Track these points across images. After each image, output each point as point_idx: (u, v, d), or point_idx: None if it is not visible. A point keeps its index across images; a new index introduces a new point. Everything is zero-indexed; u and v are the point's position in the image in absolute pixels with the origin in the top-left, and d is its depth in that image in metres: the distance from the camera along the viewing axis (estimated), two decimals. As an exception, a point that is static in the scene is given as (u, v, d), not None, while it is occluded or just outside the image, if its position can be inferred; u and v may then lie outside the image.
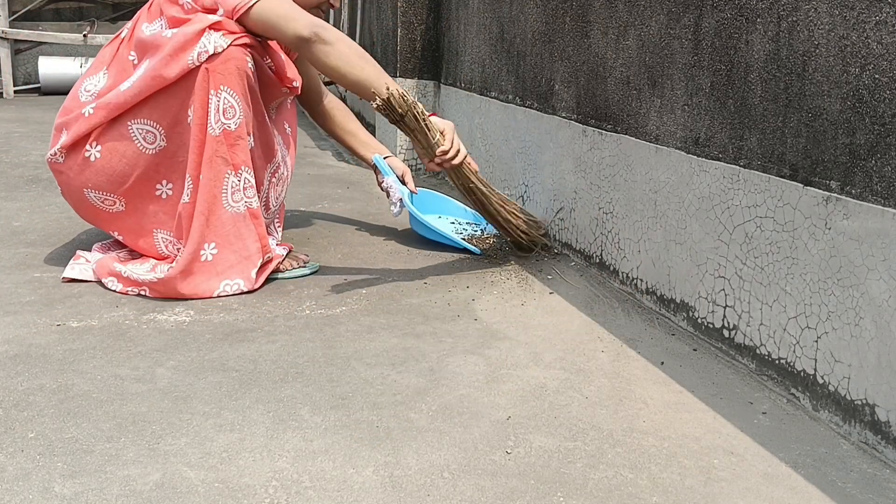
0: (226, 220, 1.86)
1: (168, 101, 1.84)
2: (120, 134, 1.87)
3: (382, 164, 2.29)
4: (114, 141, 1.87)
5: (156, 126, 1.86)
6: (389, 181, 2.25)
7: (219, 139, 1.83)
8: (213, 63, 1.80)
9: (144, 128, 1.86)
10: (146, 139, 1.86)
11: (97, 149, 1.88)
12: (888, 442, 1.22)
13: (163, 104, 1.84)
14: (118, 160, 1.88)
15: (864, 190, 1.25)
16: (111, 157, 1.88)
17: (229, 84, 1.82)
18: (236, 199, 1.87)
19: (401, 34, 3.21)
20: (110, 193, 1.92)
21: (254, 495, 1.11)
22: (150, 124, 1.86)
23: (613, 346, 1.64)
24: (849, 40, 1.27)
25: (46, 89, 5.73)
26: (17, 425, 1.27)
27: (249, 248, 1.89)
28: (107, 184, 1.90)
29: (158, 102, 1.84)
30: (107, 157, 1.88)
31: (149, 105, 1.84)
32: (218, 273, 1.86)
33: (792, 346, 1.41)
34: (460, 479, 1.16)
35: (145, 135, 1.86)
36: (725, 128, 1.56)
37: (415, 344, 1.62)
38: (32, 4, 5.98)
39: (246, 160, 1.87)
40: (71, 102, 1.95)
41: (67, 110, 1.94)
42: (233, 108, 1.83)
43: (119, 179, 1.90)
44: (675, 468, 1.20)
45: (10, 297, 1.82)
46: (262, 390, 1.41)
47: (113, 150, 1.87)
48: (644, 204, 1.83)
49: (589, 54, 2.05)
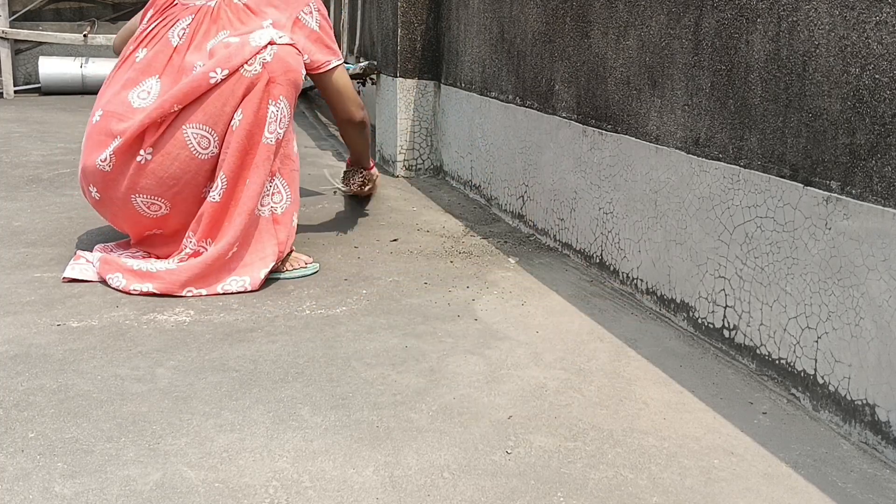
0: (255, 222, 1.92)
1: (224, 109, 1.88)
2: (174, 138, 1.89)
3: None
4: (168, 145, 1.89)
5: (210, 132, 1.89)
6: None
7: (271, 147, 1.89)
8: (275, 73, 1.89)
9: (199, 132, 1.88)
10: (200, 144, 1.89)
11: (149, 152, 1.89)
12: (888, 442, 1.22)
13: (219, 110, 1.88)
14: (170, 163, 1.89)
15: (865, 190, 1.25)
16: (164, 160, 1.89)
17: (286, 95, 1.91)
18: (264, 203, 1.92)
19: (401, 34, 3.21)
20: (158, 197, 1.93)
21: (254, 495, 1.11)
22: (205, 129, 1.88)
23: (613, 346, 1.64)
24: (849, 40, 1.27)
25: (47, 89, 5.73)
26: (17, 425, 1.27)
27: (266, 250, 1.92)
28: (156, 187, 1.91)
29: (214, 108, 1.87)
30: (159, 160, 1.89)
31: (202, 110, 1.87)
32: (230, 270, 1.90)
33: (792, 346, 1.41)
34: (460, 479, 1.16)
35: (200, 140, 1.89)
36: (725, 128, 1.56)
37: (415, 344, 1.62)
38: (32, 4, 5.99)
39: (282, 167, 1.94)
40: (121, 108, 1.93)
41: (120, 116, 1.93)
42: (285, 118, 1.92)
43: (170, 182, 1.91)
44: (675, 468, 1.20)
45: (10, 297, 1.82)
46: (262, 390, 1.41)
47: (167, 153, 1.89)
48: (644, 204, 1.83)
49: (589, 54, 2.05)
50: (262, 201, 1.91)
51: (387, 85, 3.39)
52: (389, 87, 3.34)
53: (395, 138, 3.25)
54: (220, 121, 1.88)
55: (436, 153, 3.27)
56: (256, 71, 1.87)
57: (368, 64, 3.63)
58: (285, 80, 1.90)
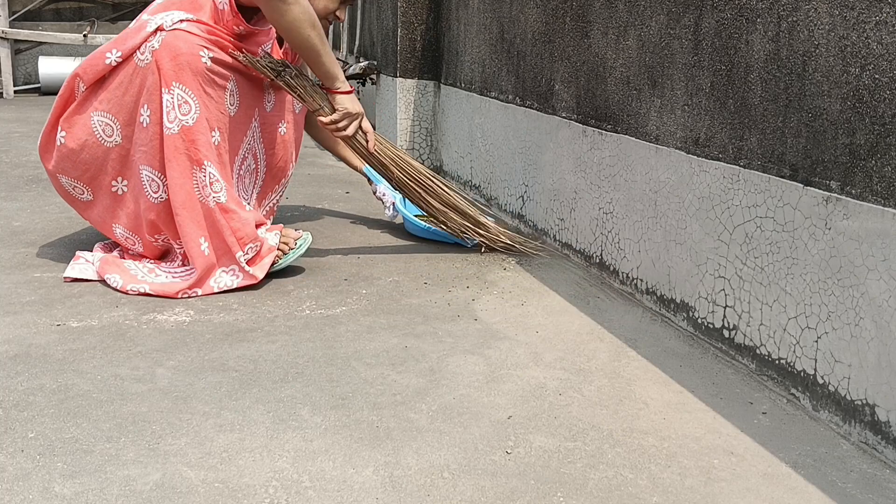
0: (200, 212, 1.87)
1: (124, 98, 1.87)
2: (84, 125, 1.91)
3: (373, 172, 2.38)
4: (77, 128, 1.91)
5: (113, 120, 1.89)
6: (381, 188, 2.43)
7: (176, 136, 1.83)
8: (163, 60, 1.82)
9: (104, 120, 1.89)
10: (105, 132, 1.90)
11: (62, 134, 1.92)
12: (888, 442, 1.22)
13: (119, 99, 1.87)
14: (80, 148, 1.92)
15: (864, 190, 1.25)
16: (74, 145, 1.92)
17: (181, 80, 1.83)
18: (206, 194, 1.87)
19: (401, 34, 3.21)
20: (77, 181, 1.97)
21: (254, 495, 1.11)
22: (108, 117, 1.89)
23: (613, 346, 1.64)
24: (849, 40, 1.27)
25: (46, 89, 5.73)
26: (17, 425, 1.27)
27: (227, 241, 1.89)
28: (73, 170, 1.95)
29: (116, 96, 1.87)
30: (70, 144, 1.92)
31: (108, 98, 1.88)
32: (214, 265, 1.89)
33: (792, 346, 1.41)
34: (460, 479, 1.16)
35: (104, 127, 1.90)
36: (725, 128, 1.56)
37: (415, 344, 1.62)
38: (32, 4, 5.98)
39: (208, 155, 1.87)
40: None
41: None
42: (188, 104, 1.83)
43: (82, 167, 1.94)
44: (675, 468, 1.20)
45: (10, 297, 1.82)
46: (262, 390, 1.41)
47: (76, 137, 1.91)
48: (644, 204, 1.83)
49: (589, 54, 2.05)
50: (202, 192, 1.87)
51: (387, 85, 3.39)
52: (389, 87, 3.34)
53: (395, 138, 3.25)
54: (122, 110, 1.88)
55: (436, 153, 3.27)
56: (148, 60, 1.83)
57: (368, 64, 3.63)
58: (174, 65, 1.82)
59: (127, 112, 1.88)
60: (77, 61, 5.68)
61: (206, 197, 1.87)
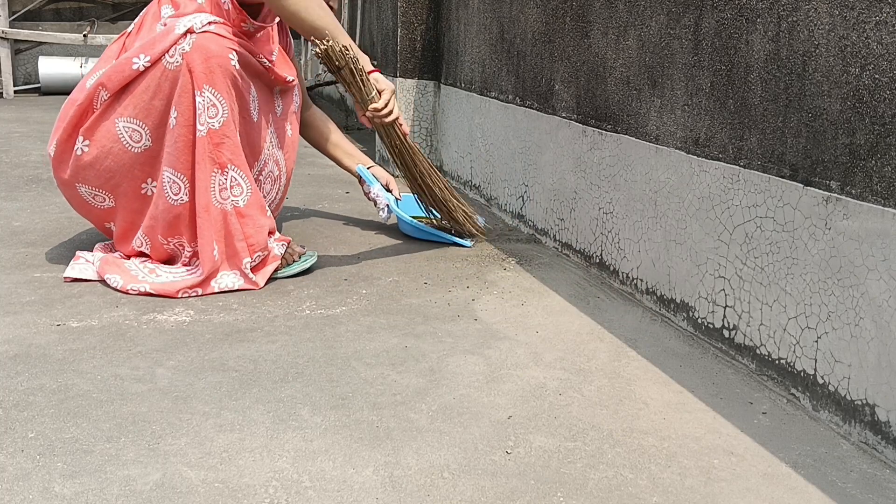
0: (217, 216, 1.88)
1: (153, 102, 1.86)
2: (107, 130, 1.89)
3: (367, 174, 2.37)
4: (103, 138, 1.89)
5: (141, 125, 1.88)
6: (375, 190, 2.37)
7: (205, 139, 1.84)
8: (195, 63, 1.81)
9: (131, 126, 1.88)
10: (132, 137, 1.88)
11: (84, 143, 1.90)
12: (888, 442, 1.22)
13: (147, 103, 1.86)
14: (105, 156, 1.90)
15: (864, 190, 1.25)
16: (99, 153, 1.90)
17: (211, 83, 1.83)
18: (224, 197, 1.88)
19: (401, 34, 3.21)
20: (100, 189, 1.95)
21: (254, 495, 1.11)
22: (136, 123, 1.87)
23: (613, 346, 1.64)
24: (849, 40, 1.27)
25: (46, 89, 5.73)
26: (17, 425, 1.27)
27: (237, 246, 1.90)
28: (95, 178, 1.93)
29: (143, 101, 1.86)
30: (94, 152, 1.90)
31: (133, 104, 1.86)
32: (220, 268, 1.90)
33: (792, 346, 1.41)
34: (460, 479, 1.16)
35: (131, 133, 1.88)
36: (725, 128, 1.56)
37: (415, 344, 1.62)
38: (32, 4, 5.98)
39: (233, 158, 1.87)
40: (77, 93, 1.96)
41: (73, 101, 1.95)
42: (215, 107, 1.84)
43: (106, 175, 1.92)
44: (675, 468, 1.20)
45: (10, 297, 1.82)
46: (262, 390, 1.41)
47: (100, 146, 1.90)
48: (644, 204, 1.83)
49: (589, 54, 2.05)
50: (220, 195, 1.87)
51: (387, 85, 3.39)
52: (389, 87, 3.34)
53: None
54: (150, 114, 1.86)
55: (436, 153, 3.27)
56: (178, 63, 1.82)
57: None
58: (206, 67, 1.82)
59: (157, 115, 1.86)
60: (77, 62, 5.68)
61: (224, 201, 1.88)
